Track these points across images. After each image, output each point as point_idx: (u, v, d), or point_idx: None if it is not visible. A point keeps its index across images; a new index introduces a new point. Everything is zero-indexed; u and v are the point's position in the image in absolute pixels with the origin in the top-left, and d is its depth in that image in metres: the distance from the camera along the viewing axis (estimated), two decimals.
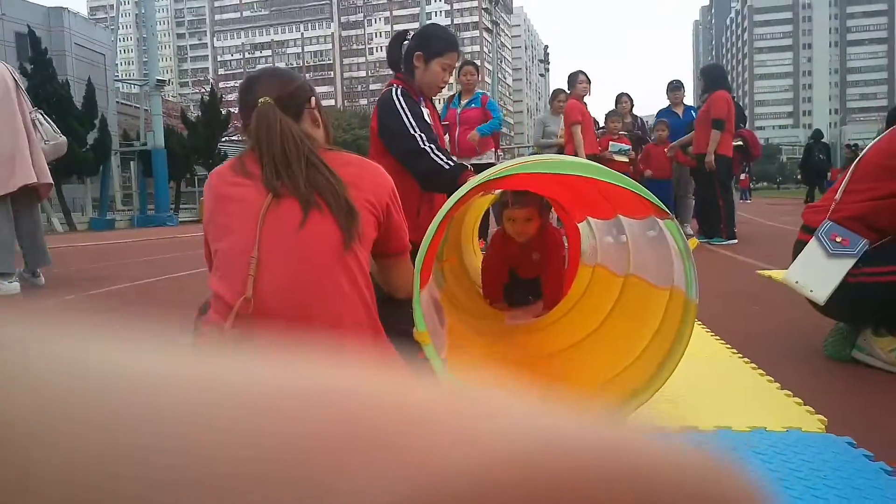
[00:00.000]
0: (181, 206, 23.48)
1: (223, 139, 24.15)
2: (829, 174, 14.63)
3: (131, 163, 20.02)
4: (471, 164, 3.93)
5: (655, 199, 1.37)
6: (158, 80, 17.19)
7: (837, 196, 1.99)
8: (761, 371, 1.85)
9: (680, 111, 7.03)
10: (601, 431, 0.14)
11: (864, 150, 2.06)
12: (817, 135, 15.22)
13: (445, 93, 3.68)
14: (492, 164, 4.21)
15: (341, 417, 0.14)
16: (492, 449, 0.13)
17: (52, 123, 4.37)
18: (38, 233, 4.38)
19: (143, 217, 18.20)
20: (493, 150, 5.50)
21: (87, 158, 16.90)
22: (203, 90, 32.78)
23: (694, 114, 6.92)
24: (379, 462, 0.13)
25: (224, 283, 1.40)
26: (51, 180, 4.26)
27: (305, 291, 1.38)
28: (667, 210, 1.39)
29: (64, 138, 4.44)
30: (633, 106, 7.37)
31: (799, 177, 17.67)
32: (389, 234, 1.56)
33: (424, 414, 0.14)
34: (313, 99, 1.59)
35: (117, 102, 23.19)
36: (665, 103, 7.35)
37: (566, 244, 2.76)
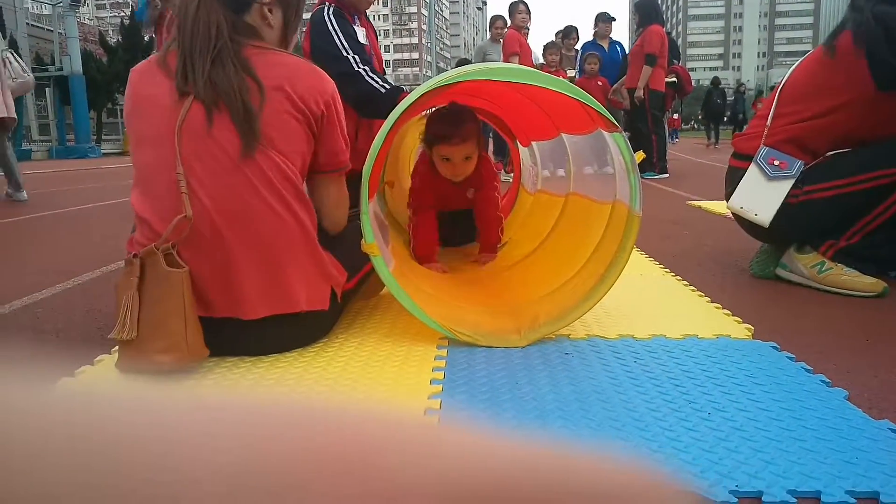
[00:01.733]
0: (103, 137, 22.38)
1: None
2: (733, 115, 17.46)
3: (46, 90, 18.80)
4: None
5: (604, 110, 1.37)
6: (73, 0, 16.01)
7: (768, 122, 2.05)
8: (692, 287, 1.93)
9: (606, 45, 7.02)
10: (547, 454, 0.15)
11: (786, 76, 2.12)
12: (715, 81, 17.18)
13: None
14: None
15: (306, 440, 0.14)
16: (449, 472, 0.14)
17: (21, 62, 4.78)
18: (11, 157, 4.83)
19: (62, 148, 17.21)
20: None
21: None
22: (123, 13, 30.83)
23: (619, 48, 6.97)
24: (342, 482, 0.13)
25: (149, 204, 1.33)
26: (14, 115, 4.57)
27: (230, 209, 1.30)
28: (615, 122, 1.39)
29: (31, 77, 4.94)
30: (578, 41, 7.37)
31: (700, 117, 19.56)
32: (321, 148, 1.44)
33: (389, 439, 0.14)
34: None
35: (27, 24, 21.54)
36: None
37: (509, 173, 2.61)
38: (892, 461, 0.93)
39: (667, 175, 6.18)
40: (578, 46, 7.46)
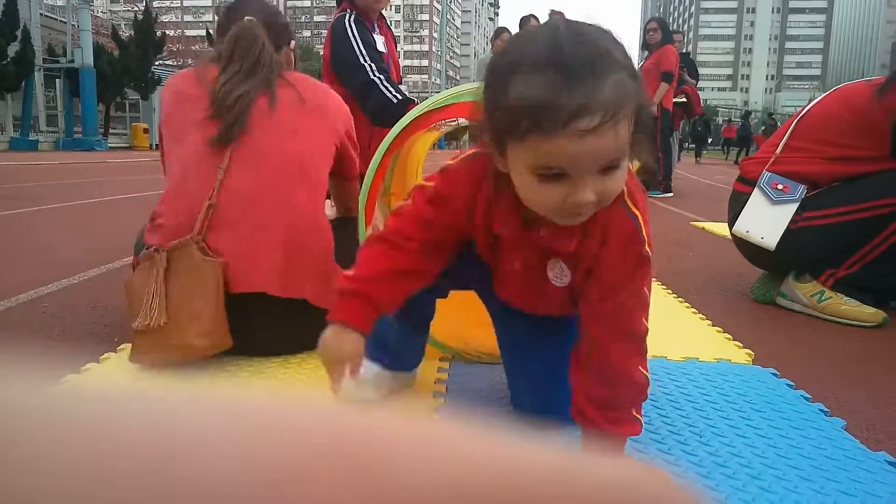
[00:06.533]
0: (111, 131, 22.42)
1: (157, 63, 22.98)
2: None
3: (57, 81, 18.89)
4: None
5: None
6: None
7: (778, 151, 2.06)
8: (694, 309, 1.94)
9: None
10: (558, 456, 0.15)
11: (807, 108, 2.12)
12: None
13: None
14: None
15: (308, 445, 0.14)
16: (451, 475, 0.14)
17: None
18: None
19: (69, 140, 17.29)
20: None
21: (8, 72, 15.87)
22: (136, 8, 30.94)
23: None
24: (343, 488, 0.13)
25: (182, 199, 1.40)
26: None
27: (256, 195, 1.42)
28: None
29: None
30: None
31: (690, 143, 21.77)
32: (343, 161, 1.66)
33: (388, 443, 0.14)
34: (294, 42, 1.69)
35: (41, 14, 21.67)
36: None
37: None
38: (889, 493, 0.94)
39: (671, 194, 6.20)
40: None
